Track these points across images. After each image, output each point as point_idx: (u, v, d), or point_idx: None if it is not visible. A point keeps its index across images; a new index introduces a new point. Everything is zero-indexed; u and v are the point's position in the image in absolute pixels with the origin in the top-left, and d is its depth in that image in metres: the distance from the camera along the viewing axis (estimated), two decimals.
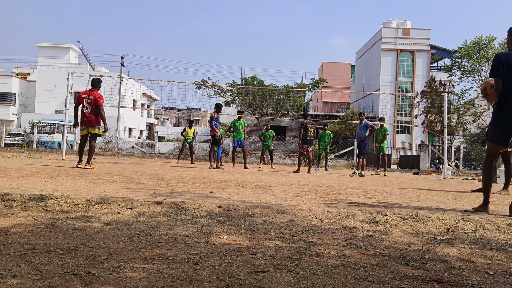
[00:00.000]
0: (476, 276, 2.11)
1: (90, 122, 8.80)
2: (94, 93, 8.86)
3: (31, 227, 2.81)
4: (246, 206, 3.83)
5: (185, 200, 4.07)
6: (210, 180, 7.01)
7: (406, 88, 41.41)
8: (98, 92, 8.94)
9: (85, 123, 8.85)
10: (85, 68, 43.03)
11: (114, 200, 3.89)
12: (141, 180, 6.45)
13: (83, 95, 8.88)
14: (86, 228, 2.88)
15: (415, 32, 41.60)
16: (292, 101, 31.93)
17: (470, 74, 27.97)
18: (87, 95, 8.84)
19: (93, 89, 8.95)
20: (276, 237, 2.84)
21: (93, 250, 2.32)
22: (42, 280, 1.79)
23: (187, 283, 1.83)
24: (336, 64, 57.54)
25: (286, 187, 6.44)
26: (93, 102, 8.77)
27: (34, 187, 4.77)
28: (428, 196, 6.14)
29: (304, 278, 1.97)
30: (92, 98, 8.78)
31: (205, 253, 2.34)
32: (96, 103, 8.78)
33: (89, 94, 8.85)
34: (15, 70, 57.79)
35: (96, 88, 8.99)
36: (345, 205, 4.43)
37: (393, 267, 2.22)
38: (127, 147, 27.77)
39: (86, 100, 8.80)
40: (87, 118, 8.79)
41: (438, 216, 3.79)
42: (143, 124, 56.79)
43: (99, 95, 8.88)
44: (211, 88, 30.75)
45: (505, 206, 5.10)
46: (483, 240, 3.01)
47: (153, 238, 2.65)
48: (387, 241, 2.86)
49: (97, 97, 8.81)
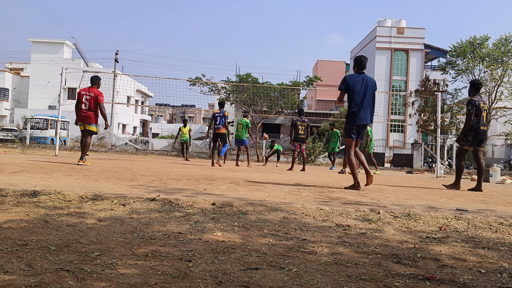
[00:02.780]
0: (467, 274, 2.12)
1: (87, 118, 8.77)
2: (94, 90, 8.85)
3: (24, 223, 2.80)
4: (240, 203, 3.84)
5: (179, 197, 4.06)
6: (204, 177, 7.00)
7: (400, 87, 41.58)
8: (98, 90, 8.92)
9: (81, 119, 8.82)
10: (78, 64, 42.85)
11: (107, 196, 3.88)
12: (134, 177, 6.43)
13: (82, 92, 8.87)
14: (79, 224, 2.87)
15: (409, 31, 41.76)
16: (286, 99, 31.95)
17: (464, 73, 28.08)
18: (87, 92, 8.83)
19: (93, 86, 8.93)
20: (270, 235, 2.84)
21: (85, 246, 2.31)
22: (34, 276, 1.79)
23: (180, 280, 1.83)
24: (330, 62, 57.57)
25: (280, 184, 6.44)
26: (93, 99, 8.74)
27: (27, 183, 4.75)
28: (421, 194, 6.17)
29: (297, 275, 1.98)
30: (92, 95, 8.76)
31: (198, 250, 2.34)
32: (97, 100, 8.76)
33: (89, 91, 8.83)
34: (8, 65, 57.35)
35: (95, 85, 8.98)
36: (339, 203, 4.44)
37: (386, 264, 2.23)
38: (121, 144, 27.66)
39: (85, 97, 8.78)
40: (84, 114, 8.77)
41: (431, 214, 3.81)
42: (137, 120, 56.65)
43: (99, 92, 8.87)
44: (206, 85, 30.71)
45: (497, 204, 5.13)
46: (475, 238, 3.03)
47: (146, 235, 2.64)
48: (380, 239, 2.87)
49: (97, 94, 8.80)
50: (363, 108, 6.27)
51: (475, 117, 7.31)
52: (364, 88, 6.26)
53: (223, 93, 32.32)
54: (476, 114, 7.31)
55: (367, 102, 6.28)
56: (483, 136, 7.50)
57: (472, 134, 7.37)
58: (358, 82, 6.29)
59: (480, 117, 7.33)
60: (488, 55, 26.65)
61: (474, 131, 7.34)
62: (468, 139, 7.43)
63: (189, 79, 28.70)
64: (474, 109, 7.30)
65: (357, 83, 6.28)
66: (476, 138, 7.40)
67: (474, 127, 7.33)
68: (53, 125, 28.41)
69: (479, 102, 7.34)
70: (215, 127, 12.02)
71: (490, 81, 26.22)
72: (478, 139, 7.42)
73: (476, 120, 7.32)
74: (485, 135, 7.63)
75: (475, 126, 7.33)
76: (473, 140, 7.40)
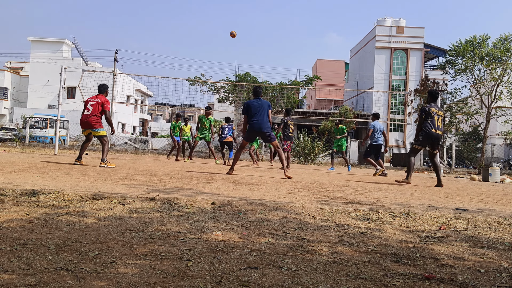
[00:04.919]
0: (467, 273, 2.12)
1: (88, 124, 8.66)
2: (101, 97, 8.77)
3: (23, 222, 2.80)
4: (239, 202, 3.84)
5: (178, 196, 4.06)
6: (203, 177, 7.00)
7: (400, 86, 41.59)
8: (105, 97, 8.87)
9: (83, 125, 8.73)
10: (78, 63, 42.76)
11: (107, 195, 3.88)
12: (134, 176, 6.43)
13: (89, 99, 8.82)
14: (79, 223, 2.87)
15: (409, 31, 41.75)
16: (286, 98, 31.95)
17: (464, 72, 28.06)
18: (93, 99, 8.77)
19: (100, 94, 8.88)
20: (269, 234, 2.84)
21: (85, 245, 2.31)
22: (34, 275, 1.78)
23: (179, 279, 1.83)
24: (330, 62, 57.54)
25: (279, 184, 6.44)
26: (98, 105, 8.64)
27: (26, 182, 4.74)
28: (420, 193, 6.18)
29: (296, 274, 1.98)
30: (98, 101, 8.67)
31: (198, 250, 2.34)
32: (103, 107, 8.69)
33: (96, 98, 8.77)
34: (8, 64, 57.26)
35: (103, 93, 8.92)
36: (338, 202, 4.44)
37: (385, 264, 2.23)
38: (120, 143, 27.65)
39: (90, 103, 8.71)
40: (86, 120, 8.66)
41: (430, 213, 3.81)
42: (136, 120, 56.60)
43: (105, 99, 8.80)
44: (205, 84, 30.70)
45: (496, 204, 5.14)
46: (474, 238, 3.03)
47: (146, 234, 2.64)
48: (379, 238, 2.88)
49: (103, 101, 8.73)
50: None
51: (426, 120, 7.99)
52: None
53: (222, 92, 32.32)
54: (426, 118, 7.99)
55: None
56: (435, 139, 8.02)
57: (423, 135, 7.99)
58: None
59: (430, 121, 7.94)
60: (487, 55, 26.64)
61: (425, 132, 7.96)
62: (419, 139, 8.08)
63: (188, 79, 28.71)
64: (424, 114, 8.02)
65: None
66: (427, 140, 8.02)
67: (426, 130, 7.95)
68: (53, 124, 28.40)
69: (429, 108, 8.02)
70: (223, 136, 13.64)
71: (489, 80, 26.21)
72: (429, 141, 8.05)
73: (427, 124, 7.95)
74: (438, 138, 8.08)
75: (426, 129, 7.95)
76: (423, 141, 8.02)
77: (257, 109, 8.07)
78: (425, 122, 8.00)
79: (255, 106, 8.09)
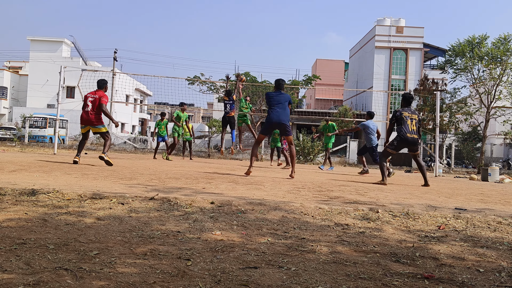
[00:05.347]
0: (466, 273, 2.13)
1: (89, 121, 8.69)
2: (99, 92, 8.82)
3: (22, 222, 2.79)
4: (239, 202, 3.83)
5: (178, 195, 4.06)
6: (202, 176, 7.00)
7: (399, 86, 41.58)
8: (103, 93, 8.90)
9: (83, 122, 8.77)
10: (77, 62, 42.72)
11: (106, 195, 3.87)
12: (133, 176, 6.42)
13: (88, 95, 8.84)
14: (78, 223, 2.86)
15: (408, 30, 41.74)
16: None
17: (463, 72, 28.05)
18: (92, 94, 8.80)
19: (99, 90, 8.90)
20: (268, 234, 2.84)
21: (84, 245, 2.30)
22: (33, 275, 1.78)
23: (178, 279, 1.83)
24: (329, 61, 57.52)
25: (278, 183, 6.44)
26: (96, 101, 8.69)
27: (26, 181, 4.74)
28: (420, 193, 6.18)
29: (295, 274, 1.98)
30: (96, 97, 8.72)
31: (197, 249, 2.34)
32: (99, 101, 8.71)
33: (95, 94, 8.81)
34: (7, 63, 57.22)
35: (102, 89, 8.95)
36: (337, 202, 4.44)
37: (384, 263, 2.23)
38: (120, 142, 27.64)
39: (89, 99, 8.74)
40: (86, 117, 8.70)
41: (430, 213, 3.81)
42: (136, 119, 56.56)
43: (103, 94, 8.83)
44: (204, 84, 30.69)
45: (496, 204, 5.14)
46: (473, 237, 3.03)
47: (145, 234, 2.64)
48: (379, 238, 2.88)
49: (101, 96, 8.76)
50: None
51: (399, 125, 8.00)
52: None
53: (221, 92, 32.29)
54: (398, 123, 8.01)
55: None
56: (411, 143, 8.03)
57: (398, 140, 8.00)
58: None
59: (403, 125, 7.94)
60: (487, 54, 26.64)
61: (400, 137, 7.96)
62: (393, 143, 8.11)
63: (188, 78, 28.67)
64: (394, 119, 8.10)
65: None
66: (402, 145, 8.07)
67: (401, 135, 7.94)
68: (52, 123, 28.37)
69: (401, 112, 8.02)
70: (225, 111, 12.57)
71: (489, 80, 26.21)
72: (404, 146, 8.13)
73: (401, 128, 7.97)
74: (414, 142, 8.06)
75: (401, 134, 7.94)
76: (397, 145, 8.07)
77: (276, 100, 7.96)
78: (399, 127, 8.02)
79: (275, 98, 7.98)
